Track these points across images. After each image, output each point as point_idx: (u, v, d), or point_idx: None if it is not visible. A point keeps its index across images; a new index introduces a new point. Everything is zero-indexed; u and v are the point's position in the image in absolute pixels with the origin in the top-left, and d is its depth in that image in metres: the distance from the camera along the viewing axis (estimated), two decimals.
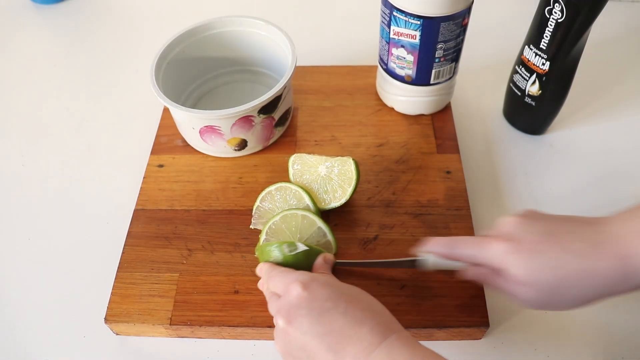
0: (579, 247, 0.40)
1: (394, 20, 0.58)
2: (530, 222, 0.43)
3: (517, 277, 0.41)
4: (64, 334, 0.53)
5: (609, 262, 0.39)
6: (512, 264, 0.41)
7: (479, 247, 0.44)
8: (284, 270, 0.45)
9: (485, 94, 0.73)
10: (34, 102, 0.77)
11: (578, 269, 0.39)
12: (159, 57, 0.62)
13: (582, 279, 0.39)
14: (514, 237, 0.42)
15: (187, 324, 0.50)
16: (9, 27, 0.89)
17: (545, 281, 0.40)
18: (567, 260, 0.40)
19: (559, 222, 0.42)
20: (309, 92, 0.71)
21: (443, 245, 0.47)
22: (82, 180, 0.66)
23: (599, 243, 0.39)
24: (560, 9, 0.54)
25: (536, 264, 0.40)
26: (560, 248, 0.40)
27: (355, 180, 0.55)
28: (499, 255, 0.42)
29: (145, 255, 0.55)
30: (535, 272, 0.40)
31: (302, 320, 0.39)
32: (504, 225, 0.44)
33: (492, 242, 0.43)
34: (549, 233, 0.41)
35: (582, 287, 0.40)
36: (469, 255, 0.45)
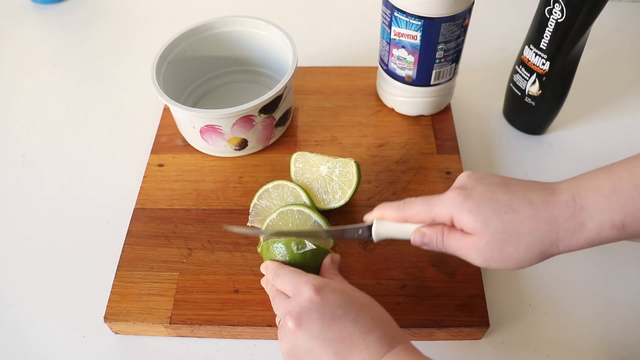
0: (531, 196, 0.40)
1: (394, 20, 0.58)
2: (483, 174, 0.43)
3: (467, 224, 0.40)
4: (63, 334, 0.53)
5: (561, 210, 0.38)
6: (462, 211, 0.40)
7: (430, 202, 0.43)
8: (294, 270, 0.45)
9: (485, 94, 0.73)
10: (34, 101, 0.77)
11: (529, 214, 0.39)
12: (159, 57, 0.62)
13: (533, 225, 0.39)
14: (466, 186, 0.42)
15: (186, 323, 0.50)
16: (9, 27, 0.89)
17: (495, 226, 0.39)
18: (518, 206, 0.39)
19: (512, 179, 0.42)
20: (309, 93, 0.71)
21: (394, 208, 0.45)
22: (82, 179, 0.66)
23: (552, 194, 0.39)
24: (560, 9, 0.54)
25: (487, 209, 0.40)
26: (512, 195, 0.40)
27: (355, 182, 0.55)
28: (449, 205, 0.41)
29: (145, 254, 0.55)
30: (486, 216, 0.39)
31: (313, 324, 0.39)
32: (457, 180, 0.44)
33: (444, 194, 0.42)
34: (502, 183, 0.41)
35: (534, 235, 0.39)
36: (420, 211, 0.43)
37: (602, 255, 0.56)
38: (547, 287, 0.54)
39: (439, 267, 0.53)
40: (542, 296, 0.54)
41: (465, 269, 0.53)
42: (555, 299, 0.53)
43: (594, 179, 0.39)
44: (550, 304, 0.53)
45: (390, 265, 0.53)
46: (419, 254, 0.54)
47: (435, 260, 0.54)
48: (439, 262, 0.53)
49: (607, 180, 0.38)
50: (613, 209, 0.37)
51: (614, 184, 0.37)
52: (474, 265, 0.52)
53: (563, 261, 0.56)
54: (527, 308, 0.53)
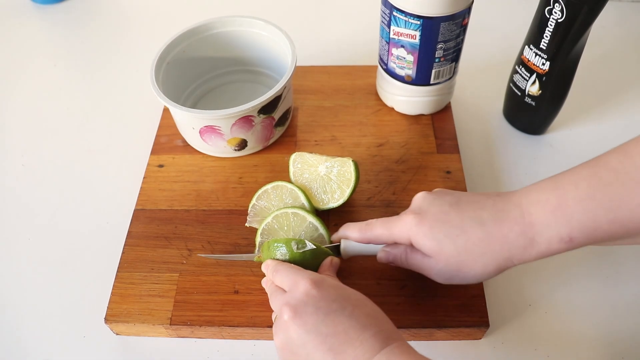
0: (481, 215, 0.41)
1: (394, 20, 0.58)
2: (437, 196, 0.44)
3: (424, 248, 0.42)
4: (64, 334, 0.53)
5: (510, 228, 0.39)
6: (418, 236, 0.42)
7: (388, 226, 0.45)
8: (292, 266, 0.45)
9: (485, 94, 0.73)
10: (34, 101, 0.77)
11: (481, 236, 0.40)
12: (159, 57, 0.62)
13: (485, 245, 0.40)
14: (421, 210, 0.43)
15: (187, 324, 0.50)
16: (9, 27, 0.89)
17: (450, 250, 0.41)
18: (469, 227, 0.41)
19: (465, 195, 0.44)
20: (309, 92, 0.71)
21: (357, 230, 0.47)
22: (82, 180, 0.66)
23: (501, 210, 0.40)
24: (560, 9, 0.54)
25: (440, 234, 0.41)
26: (463, 215, 0.41)
27: (354, 181, 0.55)
28: (406, 229, 0.43)
29: (145, 255, 0.55)
30: (440, 241, 0.41)
31: (308, 318, 0.39)
32: (413, 203, 0.45)
33: (401, 218, 0.44)
34: (454, 203, 0.42)
35: (488, 255, 0.40)
36: (381, 235, 0.46)
37: (602, 255, 0.56)
38: (547, 287, 0.54)
39: None
40: (542, 296, 0.54)
41: None
42: (555, 299, 0.53)
43: (541, 192, 0.40)
44: (550, 304, 0.53)
45: (390, 266, 0.53)
46: None
47: None
48: None
49: (553, 194, 0.39)
50: (560, 224, 0.38)
51: (560, 198, 0.38)
52: None
53: (563, 261, 0.56)
54: (527, 308, 0.53)
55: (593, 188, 0.37)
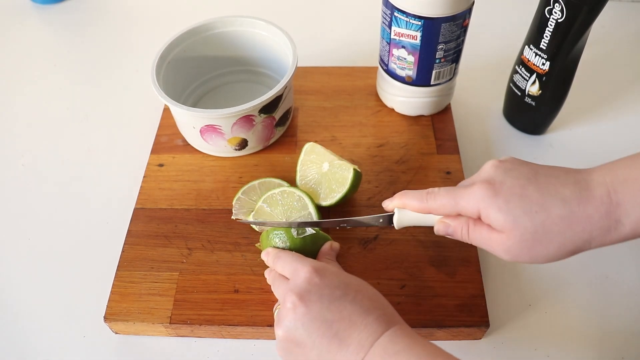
0: (564, 192, 0.37)
1: (395, 20, 0.58)
2: (511, 165, 0.40)
3: (496, 222, 0.38)
4: (64, 334, 0.53)
5: (595, 208, 0.36)
6: (491, 208, 0.38)
7: (455, 195, 0.41)
8: (293, 254, 0.45)
9: (485, 94, 0.73)
10: (34, 101, 0.77)
11: (562, 214, 0.37)
12: (159, 57, 0.62)
13: (566, 226, 0.37)
14: (494, 180, 0.39)
15: (186, 323, 0.50)
16: (9, 27, 0.89)
17: (526, 227, 0.37)
18: (551, 204, 0.37)
19: (542, 167, 0.40)
20: (309, 93, 0.71)
21: (417, 198, 0.44)
22: (82, 179, 0.66)
23: (585, 189, 0.37)
24: (560, 9, 0.54)
25: (517, 207, 0.38)
26: (543, 192, 0.38)
27: (347, 188, 0.55)
28: (477, 200, 0.39)
29: (145, 254, 0.55)
30: (517, 216, 0.38)
31: (313, 306, 0.40)
32: (483, 171, 0.41)
33: (470, 187, 0.40)
34: (532, 177, 0.39)
35: (566, 235, 0.37)
36: (445, 205, 0.42)
37: (602, 255, 0.56)
38: (547, 287, 0.54)
39: (439, 267, 0.53)
40: (542, 296, 0.54)
41: (465, 269, 0.53)
42: (555, 299, 0.53)
43: (629, 169, 0.36)
44: (550, 304, 0.53)
45: (390, 265, 0.53)
46: (418, 254, 0.54)
47: (435, 260, 0.54)
48: (439, 262, 0.53)
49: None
50: None
51: None
52: (474, 266, 0.53)
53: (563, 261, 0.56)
54: (527, 308, 0.53)
55: None
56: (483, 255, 0.56)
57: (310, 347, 0.39)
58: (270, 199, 0.55)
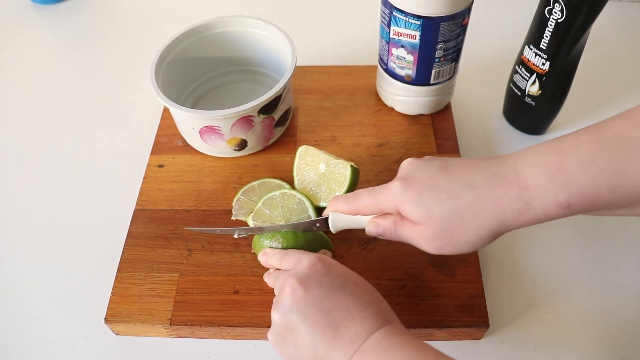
0: (473, 178, 0.39)
1: (394, 20, 0.58)
2: (425, 161, 0.42)
3: (412, 214, 0.40)
4: (64, 335, 0.53)
5: (505, 191, 0.37)
6: (405, 202, 0.40)
7: (375, 195, 0.43)
8: (299, 250, 0.47)
9: (485, 94, 0.73)
10: (34, 102, 0.77)
11: (473, 199, 0.38)
12: (159, 57, 0.62)
13: (477, 209, 0.38)
14: (408, 176, 0.41)
15: (187, 324, 0.50)
16: (9, 27, 0.89)
17: (439, 216, 0.39)
18: (460, 190, 0.38)
19: (455, 160, 0.41)
20: (308, 92, 0.71)
21: (344, 201, 0.46)
22: (82, 180, 0.66)
23: (495, 174, 0.38)
24: (560, 9, 0.54)
25: (428, 197, 0.39)
26: (452, 179, 0.39)
27: (347, 186, 0.55)
28: (393, 197, 0.41)
29: (145, 255, 0.55)
30: (428, 206, 0.39)
31: (311, 291, 0.40)
32: (400, 170, 0.43)
33: (387, 186, 0.42)
34: (443, 167, 0.40)
35: (480, 219, 0.38)
36: (368, 204, 0.44)
37: (602, 255, 0.57)
38: (547, 287, 0.54)
39: (439, 267, 0.53)
40: (542, 296, 0.54)
41: (465, 269, 0.53)
42: (555, 299, 0.53)
43: (538, 155, 0.38)
44: (550, 304, 0.53)
45: (390, 265, 0.54)
46: (418, 254, 0.54)
47: (435, 260, 0.54)
48: (438, 262, 0.53)
49: (551, 157, 0.37)
50: (558, 189, 0.36)
51: (559, 162, 0.36)
52: (473, 266, 0.53)
53: (563, 261, 0.56)
54: (527, 308, 0.53)
55: (595, 153, 0.35)
56: (483, 255, 0.56)
57: (304, 334, 0.39)
58: (270, 201, 0.55)
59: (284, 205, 0.54)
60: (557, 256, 0.57)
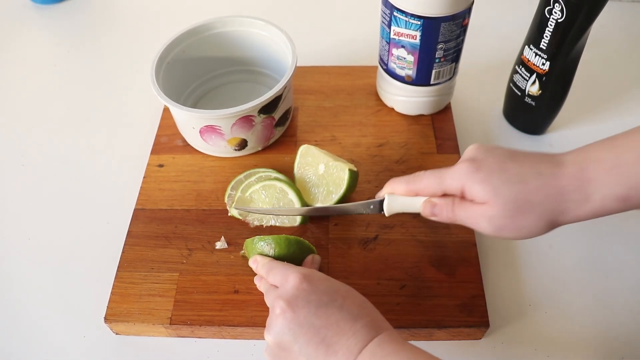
0: (540, 167, 0.41)
1: (394, 20, 0.58)
2: (492, 146, 0.44)
3: (479, 194, 0.41)
4: (64, 334, 0.53)
5: (568, 181, 0.39)
6: (474, 182, 0.41)
7: (440, 175, 0.44)
8: (283, 263, 0.46)
9: (485, 94, 0.73)
10: (34, 102, 0.77)
11: (540, 185, 0.40)
12: (159, 57, 0.62)
13: (543, 196, 0.40)
14: (477, 158, 0.42)
15: (187, 323, 0.50)
16: (9, 27, 0.89)
17: (507, 196, 0.40)
18: (528, 176, 0.40)
19: (520, 151, 0.43)
20: (309, 92, 0.71)
21: (404, 182, 0.47)
22: (82, 180, 0.66)
23: (559, 165, 0.40)
24: (560, 9, 0.54)
25: (497, 179, 0.41)
26: (521, 166, 0.41)
27: (344, 189, 0.55)
28: (460, 176, 0.42)
29: (145, 254, 0.55)
30: (497, 187, 0.40)
31: (300, 311, 0.40)
32: (466, 152, 0.44)
33: (454, 166, 0.43)
34: (511, 155, 0.42)
35: (544, 205, 0.40)
36: (430, 184, 0.45)
37: (602, 255, 0.57)
38: (547, 287, 0.54)
39: (439, 267, 0.53)
40: (542, 296, 0.54)
41: (465, 269, 0.53)
42: (555, 299, 0.53)
43: (598, 151, 0.40)
44: (550, 304, 0.53)
45: (390, 265, 0.54)
46: (418, 254, 0.54)
47: (435, 260, 0.54)
48: (439, 262, 0.53)
49: (610, 153, 0.39)
50: (616, 182, 0.38)
51: (617, 158, 0.39)
52: (473, 266, 0.53)
53: (563, 261, 0.56)
54: (527, 308, 0.53)
55: None
56: (483, 256, 0.56)
57: (298, 353, 0.39)
58: (255, 193, 0.57)
59: (267, 194, 0.56)
60: (557, 256, 0.57)
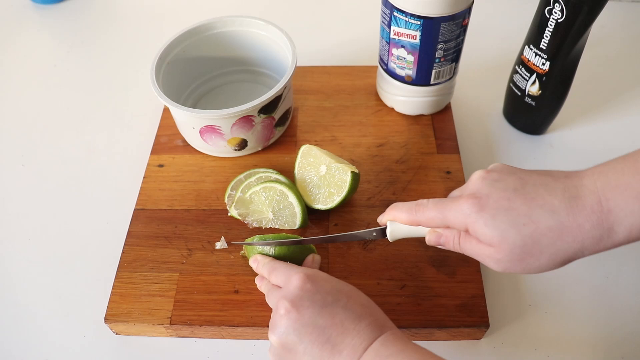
0: (552, 202, 0.36)
1: (394, 20, 0.58)
2: (498, 176, 0.39)
3: (484, 237, 0.38)
4: (64, 334, 0.53)
5: (586, 217, 0.35)
6: (477, 224, 0.38)
7: (443, 209, 0.41)
8: (286, 264, 0.46)
9: (485, 94, 0.73)
10: (34, 102, 0.77)
11: (551, 225, 0.36)
12: (159, 57, 0.62)
13: (556, 237, 0.36)
14: (480, 194, 0.39)
15: (187, 323, 0.50)
16: (9, 27, 0.89)
17: (514, 240, 0.37)
18: (538, 216, 0.36)
19: (530, 176, 0.39)
20: (309, 92, 0.71)
21: (406, 211, 0.44)
22: (82, 180, 0.66)
23: (574, 197, 0.36)
24: (560, 9, 0.54)
25: (504, 222, 0.37)
26: (530, 203, 0.37)
27: (346, 192, 0.55)
28: (463, 215, 0.39)
29: (145, 255, 0.55)
30: (504, 231, 0.37)
31: (305, 311, 0.40)
32: (470, 183, 0.41)
33: (457, 201, 0.40)
34: (519, 187, 0.38)
35: (557, 246, 0.36)
36: (433, 218, 0.41)
37: (602, 255, 0.56)
38: (547, 287, 0.54)
39: (439, 267, 0.53)
40: (542, 296, 0.54)
41: (465, 269, 0.53)
42: (555, 299, 0.53)
43: (620, 174, 0.35)
44: (550, 304, 0.53)
45: (390, 266, 0.54)
46: (418, 254, 0.54)
47: (435, 260, 0.54)
48: (439, 262, 0.53)
49: (635, 177, 0.35)
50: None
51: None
52: (473, 266, 0.53)
53: None
54: (527, 308, 0.53)
55: None
56: None
57: (302, 353, 0.39)
58: (255, 194, 0.56)
59: (267, 196, 0.55)
60: None
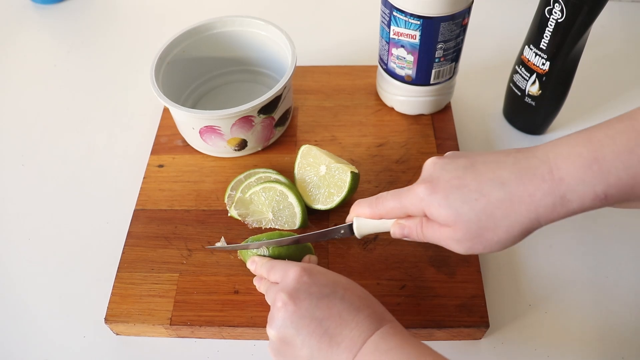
0: (501, 175, 0.37)
1: (393, 20, 0.58)
2: (449, 160, 0.41)
3: (440, 218, 0.39)
4: (64, 335, 0.53)
5: (537, 186, 0.36)
6: (432, 206, 0.39)
7: (400, 198, 0.42)
8: (284, 261, 0.47)
9: (485, 94, 0.73)
10: (34, 102, 0.77)
11: (502, 197, 0.36)
12: (159, 57, 0.62)
13: (508, 208, 0.36)
14: (432, 177, 0.40)
15: (187, 324, 0.50)
16: (9, 27, 0.89)
17: (469, 217, 0.37)
18: (489, 189, 0.37)
19: (481, 155, 0.40)
20: (309, 92, 0.71)
21: (368, 205, 0.45)
22: (82, 180, 0.66)
23: (525, 168, 0.37)
24: (560, 9, 0.54)
25: (457, 200, 0.38)
26: (480, 178, 0.38)
27: (346, 192, 0.55)
28: (419, 200, 0.40)
29: (145, 255, 0.55)
30: (457, 208, 0.38)
31: (302, 303, 0.40)
32: (423, 170, 0.42)
33: (412, 188, 0.41)
34: (468, 167, 0.39)
35: (511, 217, 0.37)
36: (393, 208, 0.43)
37: (602, 255, 0.56)
38: (547, 287, 0.54)
39: (439, 267, 0.53)
40: (542, 296, 0.54)
41: (465, 269, 0.53)
42: (555, 299, 0.53)
43: (573, 146, 0.36)
44: (550, 304, 0.53)
45: (390, 266, 0.54)
46: (418, 254, 0.54)
47: (435, 260, 0.54)
48: (438, 262, 0.53)
49: (586, 147, 0.35)
50: (595, 180, 0.35)
51: (595, 152, 0.35)
52: (474, 266, 0.53)
53: (563, 261, 0.56)
54: (527, 308, 0.53)
55: (632, 141, 0.34)
56: (483, 256, 0.56)
57: (300, 346, 0.39)
58: (255, 194, 0.56)
59: (267, 196, 0.55)
60: (557, 256, 0.57)
